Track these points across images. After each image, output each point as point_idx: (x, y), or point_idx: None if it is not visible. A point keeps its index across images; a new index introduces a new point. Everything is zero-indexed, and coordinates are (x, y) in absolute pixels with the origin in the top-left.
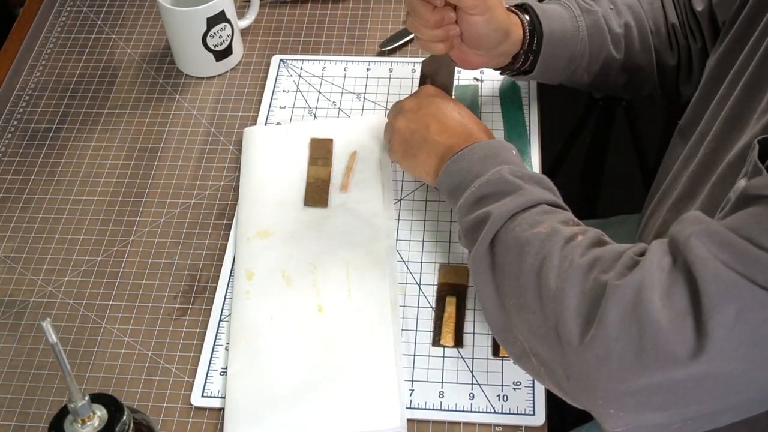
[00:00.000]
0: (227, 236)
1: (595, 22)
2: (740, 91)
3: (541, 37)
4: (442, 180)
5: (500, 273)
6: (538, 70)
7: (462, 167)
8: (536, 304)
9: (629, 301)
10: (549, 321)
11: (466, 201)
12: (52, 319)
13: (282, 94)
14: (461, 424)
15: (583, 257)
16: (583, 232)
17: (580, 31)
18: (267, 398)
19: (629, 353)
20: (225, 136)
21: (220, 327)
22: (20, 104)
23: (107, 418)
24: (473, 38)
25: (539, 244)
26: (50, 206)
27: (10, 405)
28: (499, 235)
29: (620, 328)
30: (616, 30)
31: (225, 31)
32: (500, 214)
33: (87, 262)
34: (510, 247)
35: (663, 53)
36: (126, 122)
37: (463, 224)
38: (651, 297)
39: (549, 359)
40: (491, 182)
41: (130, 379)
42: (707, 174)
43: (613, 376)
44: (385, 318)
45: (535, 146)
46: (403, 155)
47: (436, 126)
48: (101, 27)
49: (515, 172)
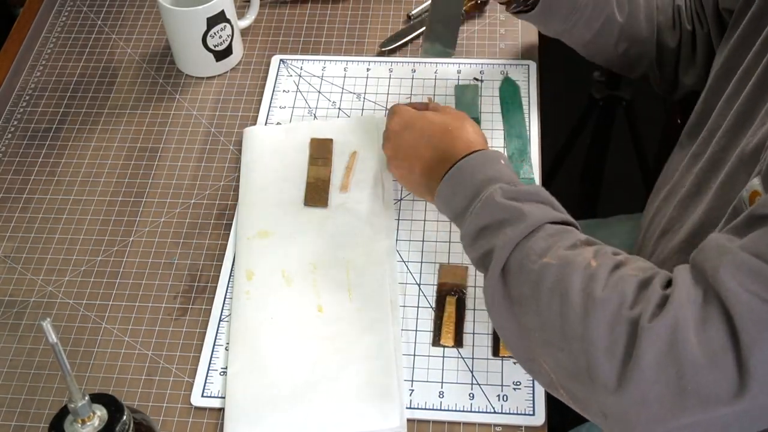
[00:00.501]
0: (227, 236)
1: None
2: (751, 88)
3: None
4: (440, 205)
5: (517, 305)
6: (539, 9)
7: (454, 190)
8: (562, 342)
9: (665, 342)
10: (579, 361)
11: (467, 231)
12: (52, 319)
13: (282, 94)
14: (461, 424)
15: (605, 291)
16: (595, 256)
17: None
18: (267, 398)
19: (669, 395)
20: (225, 136)
21: (220, 327)
22: (20, 104)
23: (107, 418)
24: None
25: (552, 279)
26: (50, 206)
27: (10, 405)
28: (509, 266)
29: (657, 370)
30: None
31: (225, 31)
32: (504, 245)
33: (87, 262)
34: (522, 280)
35: (665, 32)
36: (126, 122)
37: (469, 253)
38: (686, 336)
39: (582, 398)
40: (486, 209)
41: (130, 379)
42: (716, 171)
43: (652, 418)
44: (385, 318)
45: (535, 146)
46: (401, 177)
47: (419, 167)
48: (101, 27)
49: (508, 192)
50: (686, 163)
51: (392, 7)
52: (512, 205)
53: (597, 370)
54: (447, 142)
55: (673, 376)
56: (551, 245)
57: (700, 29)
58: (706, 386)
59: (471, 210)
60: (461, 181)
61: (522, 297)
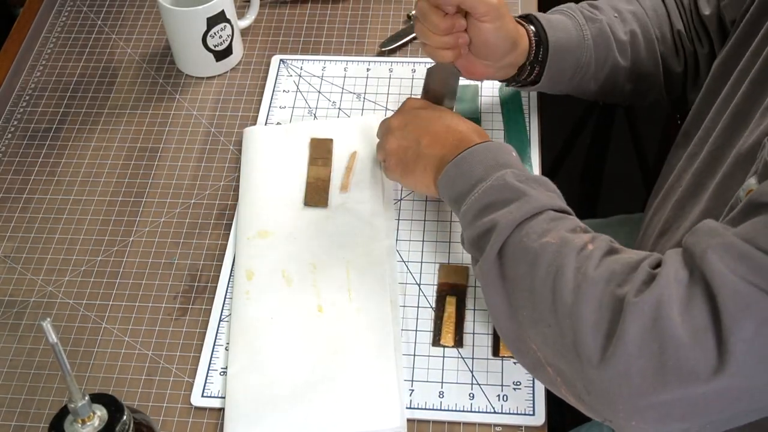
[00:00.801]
0: (227, 236)
1: (600, 30)
2: (747, 87)
3: (546, 48)
4: (442, 186)
5: (511, 284)
6: (545, 80)
7: (463, 171)
8: (552, 318)
9: (648, 318)
10: (566, 336)
11: (470, 208)
12: (52, 319)
13: (282, 94)
14: (461, 424)
15: (597, 270)
16: (592, 240)
17: (585, 40)
18: (267, 398)
19: (650, 369)
20: (225, 136)
21: (220, 327)
22: (20, 104)
23: (107, 418)
24: (482, 47)
25: (550, 256)
26: (50, 206)
27: (10, 405)
28: (507, 244)
29: (640, 344)
30: (622, 37)
31: (225, 31)
32: (507, 223)
33: (87, 262)
34: (519, 258)
35: (669, 60)
36: (126, 122)
37: (467, 231)
38: (670, 313)
39: (568, 373)
40: (495, 188)
41: (130, 379)
42: (712, 171)
43: (634, 391)
44: (385, 318)
45: (535, 147)
46: (401, 174)
47: (427, 139)
48: (101, 27)
49: (519, 176)
50: (683, 163)
51: (392, 7)
52: (521, 187)
53: (582, 345)
54: (466, 124)
55: (656, 351)
56: (552, 228)
57: (700, 48)
58: (686, 363)
59: (477, 189)
60: (473, 163)
61: (516, 276)
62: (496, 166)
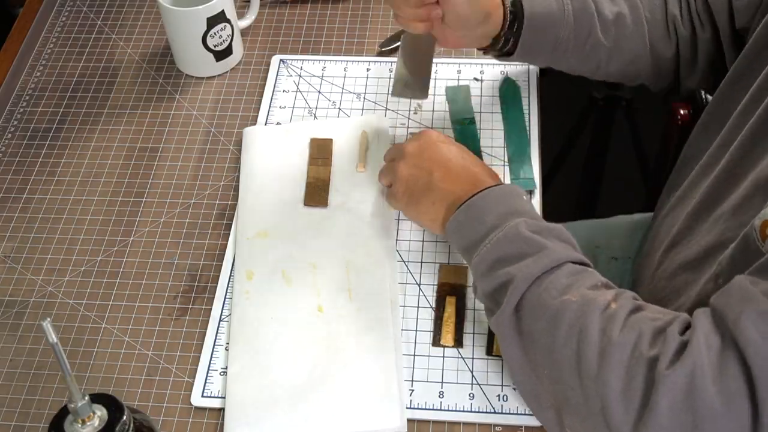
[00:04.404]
0: (227, 236)
1: (583, 6)
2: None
3: (522, 20)
4: (451, 230)
5: (529, 340)
6: (519, 51)
7: (473, 216)
8: (575, 381)
9: (682, 390)
10: (592, 402)
11: (483, 258)
12: (52, 319)
13: (282, 94)
14: (461, 424)
15: (623, 333)
16: (615, 299)
17: (565, 15)
18: (267, 398)
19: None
20: (225, 136)
21: (220, 327)
22: (20, 104)
23: (107, 418)
24: (454, 19)
25: (572, 315)
26: (50, 206)
27: (10, 405)
28: (525, 299)
29: (673, 417)
30: (607, 16)
31: (225, 31)
32: (524, 277)
33: (87, 262)
34: (539, 315)
35: (659, 43)
36: (126, 122)
37: (482, 284)
38: (704, 384)
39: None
40: (509, 238)
41: (130, 379)
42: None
43: None
44: (385, 318)
45: (535, 146)
46: (407, 203)
47: (441, 172)
48: (101, 27)
49: (532, 226)
50: (697, 172)
51: None
52: (536, 239)
53: (612, 413)
54: (481, 166)
55: (689, 424)
56: (572, 283)
57: (701, 32)
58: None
59: (490, 239)
60: (483, 209)
61: (535, 332)
62: (508, 214)
